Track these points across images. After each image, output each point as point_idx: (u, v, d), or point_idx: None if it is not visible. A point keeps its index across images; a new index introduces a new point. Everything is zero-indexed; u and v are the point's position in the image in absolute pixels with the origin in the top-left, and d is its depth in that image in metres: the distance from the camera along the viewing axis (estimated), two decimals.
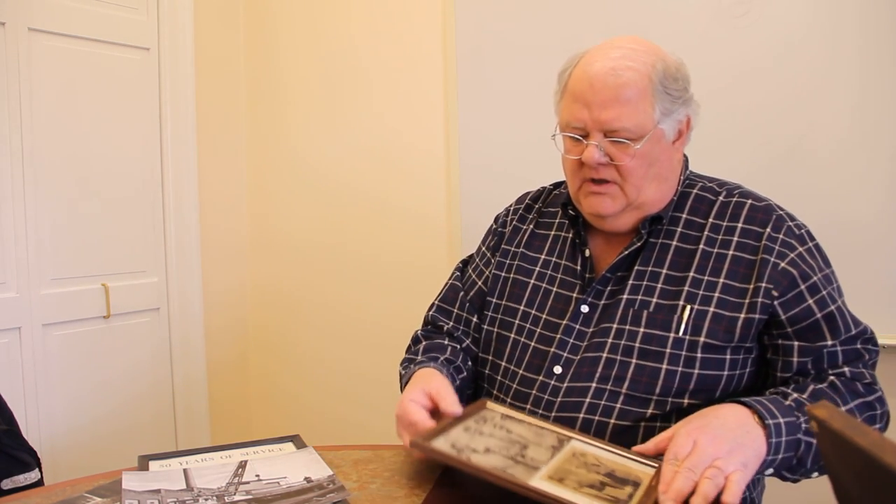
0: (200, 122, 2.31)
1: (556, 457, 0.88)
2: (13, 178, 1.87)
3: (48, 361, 1.95)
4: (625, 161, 0.98)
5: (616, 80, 0.96)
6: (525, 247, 1.16)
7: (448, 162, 2.06)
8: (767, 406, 0.87)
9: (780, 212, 1.02)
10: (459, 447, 0.84)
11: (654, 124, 0.98)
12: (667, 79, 0.98)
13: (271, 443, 1.02)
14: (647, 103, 0.97)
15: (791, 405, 0.89)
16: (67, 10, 1.98)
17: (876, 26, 1.49)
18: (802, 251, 0.98)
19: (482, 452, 0.85)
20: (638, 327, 0.99)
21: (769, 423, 0.85)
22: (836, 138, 1.54)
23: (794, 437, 0.86)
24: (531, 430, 0.94)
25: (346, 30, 2.26)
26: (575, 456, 0.88)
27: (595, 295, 1.05)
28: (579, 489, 0.80)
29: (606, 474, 0.85)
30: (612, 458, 0.90)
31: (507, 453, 0.87)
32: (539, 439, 0.92)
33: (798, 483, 0.95)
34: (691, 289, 0.98)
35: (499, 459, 0.84)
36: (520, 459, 0.85)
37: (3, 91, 1.84)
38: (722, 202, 1.03)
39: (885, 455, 0.41)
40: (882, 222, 1.50)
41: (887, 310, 1.50)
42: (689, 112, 1.04)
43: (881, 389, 0.97)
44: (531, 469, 0.83)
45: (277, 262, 2.46)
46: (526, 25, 1.88)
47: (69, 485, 0.89)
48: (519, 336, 1.10)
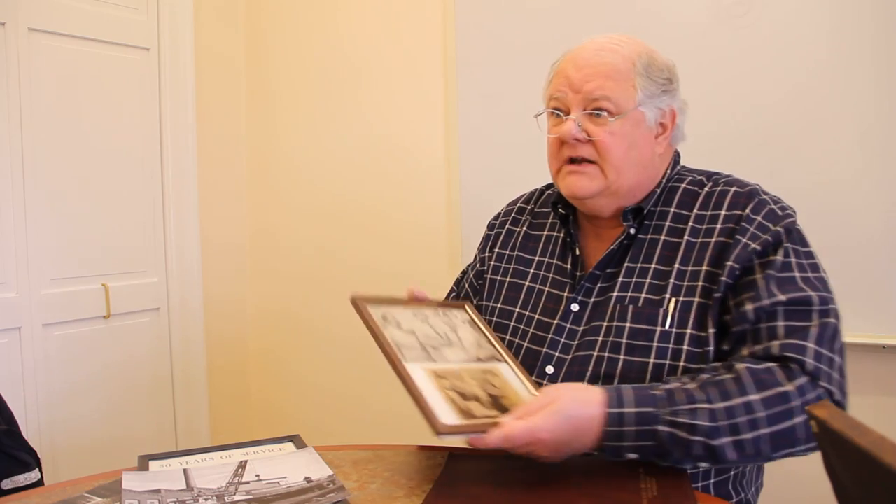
0: (200, 122, 2.31)
1: (464, 364, 0.90)
2: (13, 178, 1.87)
3: (48, 361, 1.95)
4: (602, 136, 1.00)
5: (600, 58, 1.00)
6: (520, 249, 1.17)
7: (448, 162, 2.06)
8: (623, 394, 0.86)
9: (763, 196, 1.00)
10: (388, 318, 0.90)
11: (634, 104, 1.00)
12: (651, 67, 1.01)
13: (271, 443, 1.02)
14: (628, 83, 1.00)
15: (660, 394, 0.87)
16: (67, 10, 1.98)
17: (876, 26, 1.49)
18: (780, 230, 0.96)
19: (403, 331, 0.88)
20: (625, 323, 0.99)
21: (611, 411, 0.85)
22: (835, 138, 1.54)
23: (650, 427, 0.84)
24: (477, 338, 0.97)
25: (347, 30, 2.26)
26: (484, 373, 0.90)
27: (585, 293, 1.05)
28: (445, 390, 0.81)
29: (491, 395, 0.87)
30: (518, 392, 0.92)
31: (425, 341, 0.90)
32: (473, 348, 0.95)
33: (797, 483, 0.96)
34: (676, 281, 0.98)
35: (410, 341, 0.88)
36: (430, 350, 0.87)
37: (3, 91, 1.84)
38: (707, 192, 1.03)
39: (885, 455, 0.41)
40: (882, 222, 1.50)
41: (887, 310, 1.50)
42: (675, 106, 1.04)
43: (821, 378, 0.87)
44: (429, 360, 0.87)
45: (277, 263, 2.46)
46: (526, 26, 1.88)
47: (69, 485, 0.89)
48: (513, 338, 1.10)
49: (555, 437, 0.82)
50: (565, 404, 0.84)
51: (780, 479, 1.31)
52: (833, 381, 0.87)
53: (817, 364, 0.87)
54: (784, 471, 1.31)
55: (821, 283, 0.94)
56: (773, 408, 0.84)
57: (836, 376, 0.88)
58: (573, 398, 0.85)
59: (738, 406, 0.84)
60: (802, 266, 0.95)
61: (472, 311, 1.09)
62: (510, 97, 1.89)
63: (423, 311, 1.00)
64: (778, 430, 0.84)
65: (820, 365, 0.87)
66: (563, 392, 0.86)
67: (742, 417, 0.84)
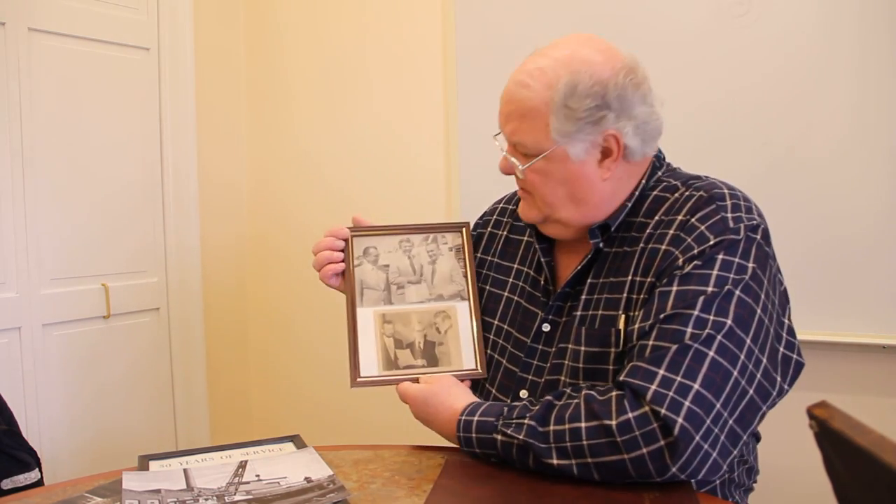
0: (200, 122, 2.31)
1: (420, 306, 1.02)
2: (13, 178, 1.87)
3: (48, 361, 1.95)
4: (526, 174, 0.99)
5: (518, 94, 0.97)
6: (500, 256, 1.14)
7: (448, 162, 2.06)
8: (479, 405, 0.94)
9: (725, 202, 0.91)
10: (369, 252, 1.04)
11: (551, 143, 0.94)
12: (573, 97, 0.91)
13: (271, 443, 1.02)
14: (541, 121, 0.94)
15: (503, 410, 0.91)
16: (67, 10, 1.98)
17: (875, 26, 1.49)
18: (720, 240, 0.87)
19: (377, 266, 1.02)
20: (580, 346, 0.95)
21: (461, 417, 0.93)
22: (835, 138, 1.54)
23: (489, 435, 0.90)
24: (452, 271, 1.06)
25: (347, 30, 2.26)
26: (436, 315, 1.01)
27: (556, 312, 1.01)
28: (384, 337, 0.93)
29: (428, 342, 0.99)
30: (459, 339, 1.01)
31: (393, 279, 1.02)
32: (441, 284, 1.04)
33: (797, 483, 0.95)
34: (629, 294, 0.93)
35: (377, 279, 1.01)
36: (392, 289, 1.01)
37: (3, 91, 1.84)
38: (675, 198, 0.95)
39: (885, 455, 0.41)
40: (881, 222, 1.50)
41: (887, 310, 1.50)
42: (614, 128, 0.93)
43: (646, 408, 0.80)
44: (386, 303, 1.00)
45: (278, 263, 2.46)
46: (526, 25, 1.88)
47: (69, 485, 0.89)
48: (493, 352, 1.08)
49: (418, 412, 0.99)
50: (433, 394, 0.97)
51: (780, 479, 1.31)
52: (681, 411, 0.78)
53: (662, 391, 0.79)
54: (783, 471, 1.32)
55: (728, 305, 0.83)
56: (597, 439, 0.81)
57: (689, 405, 0.79)
58: (449, 392, 0.97)
59: (566, 431, 0.84)
60: (722, 281, 0.84)
61: (466, 235, 1.13)
62: None
63: (412, 238, 1.08)
64: (602, 462, 0.81)
65: (666, 392, 0.79)
66: (443, 384, 0.98)
67: (569, 443, 0.83)
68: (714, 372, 0.81)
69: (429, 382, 1.00)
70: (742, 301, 0.84)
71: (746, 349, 0.83)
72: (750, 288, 0.85)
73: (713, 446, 0.80)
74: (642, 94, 0.95)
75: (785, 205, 1.57)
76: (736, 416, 0.82)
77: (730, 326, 0.82)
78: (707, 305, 0.83)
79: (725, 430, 0.81)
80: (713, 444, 0.80)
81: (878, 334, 1.52)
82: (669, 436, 0.78)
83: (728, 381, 0.81)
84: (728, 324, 0.82)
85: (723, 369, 0.81)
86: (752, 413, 0.84)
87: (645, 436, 0.79)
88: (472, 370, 1.05)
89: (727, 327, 0.82)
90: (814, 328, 1.52)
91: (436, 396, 0.97)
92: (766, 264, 0.89)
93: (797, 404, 0.76)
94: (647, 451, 0.79)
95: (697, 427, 0.79)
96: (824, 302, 1.53)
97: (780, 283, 0.94)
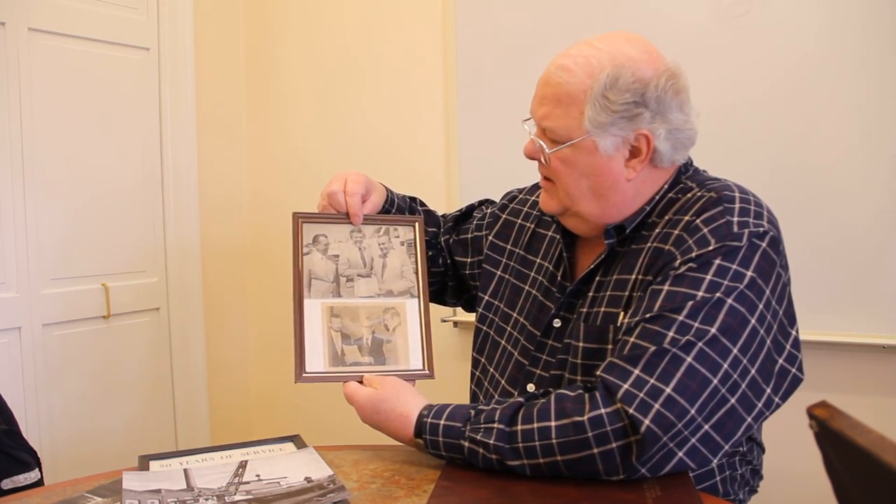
0: (200, 122, 2.31)
1: (370, 301, 0.98)
2: (13, 179, 1.87)
3: (48, 361, 1.95)
4: (552, 160, 0.97)
5: (557, 78, 0.95)
6: (525, 249, 1.14)
7: (448, 162, 2.06)
8: (442, 408, 0.93)
9: (734, 205, 0.90)
10: (319, 240, 1.00)
11: (582, 133, 0.93)
12: (612, 89, 0.91)
13: (271, 443, 1.02)
14: (577, 109, 0.93)
15: (468, 413, 0.90)
16: (67, 10, 1.98)
17: (876, 26, 1.49)
18: (720, 247, 0.86)
19: (327, 256, 0.97)
20: (579, 342, 0.96)
21: (424, 420, 0.92)
22: (835, 139, 1.54)
23: (455, 440, 0.90)
24: (402, 266, 1.03)
25: (347, 30, 2.26)
26: (385, 311, 0.98)
27: (566, 308, 1.02)
28: (331, 331, 0.90)
29: (377, 339, 0.96)
30: (407, 337, 0.99)
31: (343, 270, 0.98)
32: (391, 279, 1.01)
33: (797, 483, 0.95)
34: (631, 292, 0.94)
35: (326, 270, 0.96)
36: (342, 282, 0.97)
37: (3, 91, 1.84)
38: (686, 198, 0.95)
39: (885, 455, 0.41)
40: (882, 222, 1.50)
41: (887, 310, 1.50)
42: (648, 129, 0.92)
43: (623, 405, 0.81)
44: (334, 295, 0.96)
45: (278, 263, 2.46)
46: (526, 26, 1.88)
47: (69, 485, 0.89)
48: (507, 343, 1.09)
49: (366, 417, 0.97)
50: (382, 400, 0.95)
51: (780, 479, 1.32)
52: (649, 413, 0.79)
53: (633, 391, 0.81)
54: (784, 471, 1.32)
55: (716, 313, 0.83)
56: (566, 437, 0.82)
57: (658, 408, 0.79)
58: (398, 398, 0.95)
59: (534, 431, 0.84)
60: (714, 287, 0.84)
61: (419, 230, 1.11)
62: (510, 97, 1.89)
63: (364, 229, 1.05)
64: (572, 459, 0.82)
65: (637, 392, 0.80)
66: (390, 389, 0.96)
67: (536, 442, 0.84)
68: (690, 378, 0.81)
69: (375, 386, 0.98)
70: (733, 310, 0.84)
71: (732, 358, 0.82)
72: (745, 297, 0.84)
73: (680, 446, 0.82)
74: (680, 101, 0.95)
75: (784, 205, 1.56)
76: (713, 423, 0.82)
77: (713, 335, 0.82)
78: (694, 311, 0.83)
79: (699, 434, 0.82)
80: (680, 445, 0.82)
81: (878, 334, 1.52)
82: (637, 434, 0.80)
83: (706, 388, 0.81)
84: (712, 332, 0.82)
85: (700, 376, 0.81)
86: (733, 422, 0.84)
87: (615, 432, 0.81)
88: (419, 370, 1.03)
89: (710, 335, 0.82)
90: (814, 328, 1.52)
91: (384, 403, 0.95)
92: (770, 273, 0.88)
93: (797, 404, 0.77)
94: (616, 447, 0.81)
95: (666, 429, 0.80)
96: (825, 302, 1.53)
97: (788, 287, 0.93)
